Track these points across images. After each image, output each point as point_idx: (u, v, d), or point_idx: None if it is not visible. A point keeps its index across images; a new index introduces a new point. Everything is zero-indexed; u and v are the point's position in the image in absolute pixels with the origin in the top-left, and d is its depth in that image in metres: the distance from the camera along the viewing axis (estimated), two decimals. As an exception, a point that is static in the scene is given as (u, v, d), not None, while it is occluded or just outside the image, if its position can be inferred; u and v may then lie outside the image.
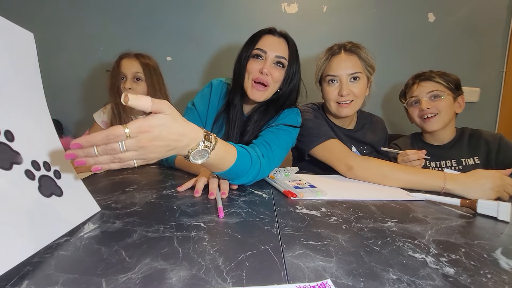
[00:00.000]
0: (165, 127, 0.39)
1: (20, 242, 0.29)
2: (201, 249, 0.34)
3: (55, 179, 0.37)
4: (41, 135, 0.37)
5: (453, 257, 0.35)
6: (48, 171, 0.36)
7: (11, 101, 0.32)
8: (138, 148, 0.37)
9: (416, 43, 1.47)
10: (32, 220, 0.32)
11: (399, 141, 1.11)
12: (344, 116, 0.91)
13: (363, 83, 0.88)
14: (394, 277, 0.30)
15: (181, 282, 0.27)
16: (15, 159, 0.31)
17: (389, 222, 0.46)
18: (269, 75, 0.78)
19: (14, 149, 0.31)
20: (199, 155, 0.46)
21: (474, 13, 1.44)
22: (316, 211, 0.50)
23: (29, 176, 0.33)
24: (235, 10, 1.44)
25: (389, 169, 0.72)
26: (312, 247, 0.36)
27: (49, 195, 0.35)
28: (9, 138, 0.31)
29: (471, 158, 0.97)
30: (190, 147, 0.44)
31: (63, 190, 0.38)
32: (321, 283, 0.28)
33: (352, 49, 0.87)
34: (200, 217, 0.45)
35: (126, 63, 1.09)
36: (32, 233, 0.31)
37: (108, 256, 0.32)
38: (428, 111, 0.96)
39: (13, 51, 0.33)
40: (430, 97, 0.97)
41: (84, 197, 0.44)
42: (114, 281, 0.27)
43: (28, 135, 0.34)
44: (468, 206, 0.53)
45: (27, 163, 0.33)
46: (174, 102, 1.51)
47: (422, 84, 0.98)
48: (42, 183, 0.35)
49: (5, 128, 0.31)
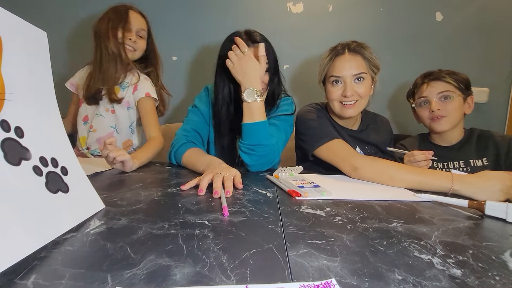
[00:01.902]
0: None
1: (26, 237, 0.30)
2: (205, 247, 0.34)
3: (62, 175, 0.38)
4: (50, 131, 0.38)
5: (460, 259, 0.34)
6: (56, 168, 0.37)
7: (23, 98, 0.33)
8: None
9: (423, 42, 1.45)
10: (38, 215, 0.32)
11: (406, 142, 1.10)
12: (348, 117, 0.90)
13: (367, 83, 0.87)
14: (400, 277, 0.30)
15: (185, 278, 0.27)
16: (24, 155, 0.32)
17: (395, 222, 0.46)
18: None
19: (23, 145, 0.32)
20: (251, 95, 0.75)
21: (483, 12, 1.42)
22: (321, 211, 0.50)
23: (37, 172, 0.34)
24: (241, 10, 1.44)
25: (395, 170, 0.71)
26: (317, 246, 0.36)
27: (56, 191, 0.36)
28: (19, 134, 0.32)
29: (480, 160, 0.95)
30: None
31: (69, 186, 0.38)
32: (325, 282, 0.28)
33: (356, 49, 0.86)
34: (204, 215, 0.45)
35: (134, 16, 1.05)
36: (38, 228, 0.31)
37: (114, 252, 0.32)
38: (438, 113, 0.95)
39: (27, 49, 0.33)
40: (440, 97, 0.95)
41: (89, 194, 0.44)
42: (119, 276, 0.27)
43: (38, 132, 0.35)
44: (476, 208, 0.52)
45: (36, 159, 0.34)
46: (180, 101, 1.52)
47: (432, 84, 0.96)
48: (49, 179, 0.35)
49: (16, 124, 0.32)
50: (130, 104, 1.07)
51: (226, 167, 0.68)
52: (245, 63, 0.75)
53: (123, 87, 1.05)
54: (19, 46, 0.32)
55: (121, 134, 1.09)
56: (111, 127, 1.07)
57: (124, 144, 1.10)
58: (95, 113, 1.06)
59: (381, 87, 0.91)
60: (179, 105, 1.52)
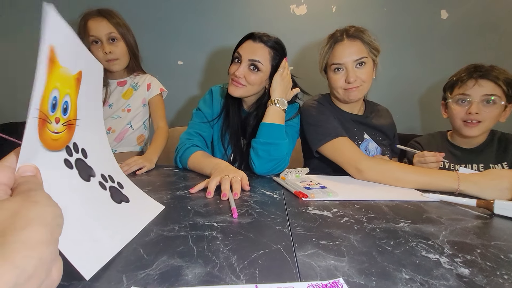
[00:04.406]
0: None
1: (108, 243, 0.32)
2: (215, 248, 0.35)
3: (119, 189, 0.42)
4: (103, 152, 0.42)
5: (468, 258, 0.34)
6: (113, 183, 0.41)
7: (85, 123, 0.36)
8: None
9: (428, 41, 1.44)
10: (112, 222, 0.35)
11: (422, 139, 1.05)
12: (353, 99, 0.90)
13: (369, 67, 0.87)
14: (407, 276, 0.30)
15: (197, 278, 0.28)
16: (91, 172, 0.36)
17: (402, 222, 0.46)
18: (242, 77, 0.84)
19: (88, 164, 0.36)
20: (283, 103, 0.84)
21: (490, 9, 1.40)
22: (328, 212, 0.50)
23: (102, 186, 0.37)
24: (245, 13, 1.46)
25: (400, 172, 0.71)
26: (324, 247, 0.36)
27: (120, 202, 0.39)
28: (84, 155, 0.35)
29: (499, 164, 0.90)
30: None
31: (128, 197, 0.42)
32: (333, 281, 0.28)
33: (355, 34, 0.86)
34: (213, 217, 0.46)
35: (94, 24, 0.96)
36: (114, 234, 0.34)
37: (128, 253, 0.33)
38: (476, 117, 0.85)
39: (89, 79, 0.37)
40: (483, 100, 0.84)
41: (147, 200, 0.49)
42: (134, 276, 0.28)
43: (96, 153, 0.39)
44: (484, 207, 0.52)
45: (98, 176, 0.37)
46: (185, 105, 1.54)
47: (481, 82, 0.84)
48: (112, 192, 0.39)
49: (82, 146, 0.35)
50: (145, 101, 1.14)
51: (233, 169, 0.69)
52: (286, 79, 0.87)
53: (135, 88, 1.12)
54: (88, 77, 0.36)
55: (135, 130, 1.14)
56: (127, 125, 1.11)
57: (138, 139, 1.15)
58: (111, 116, 1.10)
59: (386, 86, 0.90)
60: (184, 109, 1.54)
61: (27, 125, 0.24)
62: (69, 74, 0.31)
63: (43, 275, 0.19)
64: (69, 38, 0.30)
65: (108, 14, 1.00)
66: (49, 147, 0.28)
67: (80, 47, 0.33)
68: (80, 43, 0.33)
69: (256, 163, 0.78)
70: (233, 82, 0.86)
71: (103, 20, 0.99)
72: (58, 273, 0.21)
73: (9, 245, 0.18)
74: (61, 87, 0.29)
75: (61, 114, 0.30)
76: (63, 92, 0.29)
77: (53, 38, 0.26)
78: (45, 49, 0.25)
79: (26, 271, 0.17)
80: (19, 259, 0.17)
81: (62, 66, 0.28)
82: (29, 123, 0.24)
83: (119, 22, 1.02)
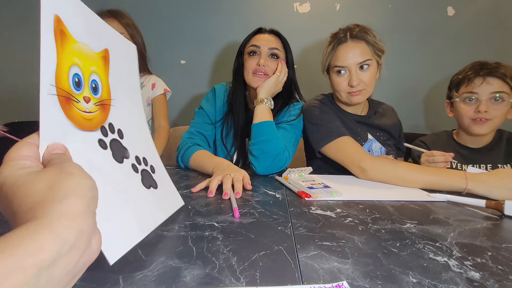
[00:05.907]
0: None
1: (133, 228, 0.31)
2: (215, 249, 0.34)
3: (151, 173, 0.40)
4: (140, 133, 0.41)
5: (478, 261, 0.33)
6: (146, 166, 0.40)
7: (121, 104, 0.36)
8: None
9: (434, 39, 1.42)
10: (140, 208, 0.34)
11: (427, 139, 1.02)
12: (356, 103, 0.88)
13: (373, 70, 0.84)
14: (414, 280, 0.29)
15: (195, 280, 0.27)
16: (125, 154, 0.35)
17: (408, 223, 0.44)
18: (266, 66, 0.85)
19: (123, 145, 0.35)
20: (271, 102, 0.84)
21: (498, 5, 1.37)
22: (331, 212, 0.49)
23: (134, 169, 0.36)
24: (248, 12, 1.45)
25: (405, 171, 0.69)
26: (327, 248, 0.35)
27: (148, 187, 0.38)
28: (120, 136, 0.35)
29: (508, 164, 0.88)
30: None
31: (157, 183, 0.41)
32: (336, 284, 0.27)
33: (359, 35, 0.82)
34: (213, 217, 0.45)
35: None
36: (140, 220, 0.33)
37: (125, 254, 0.32)
38: (484, 115, 0.83)
39: (122, 59, 0.37)
40: (491, 98, 0.83)
41: (173, 191, 0.47)
42: (131, 278, 0.28)
43: (132, 134, 0.38)
44: (494, 207, 0.50)
45: (132, 158, 0.37)
46: (188, 104, 1.54)
47: (489, 80, 0.83)
48: (143, 175, 0.38)
49: (118, 127, 0.35)
50: (149, 100, 1.15)
51: (235, 168, 0.68)
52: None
53: (141, 87, 1.12)
54: (118, 57, 0.36)
55: None
56: None
57: None
58: None
59: (391, 84, 0.89)
60: (187, 108, 1.54)
61: (41, 102, 0.23)
62: (91, 51, 0.30)
63: (84, 246, 0.19)
64: (82, 12, 0.28)
65: (119, 15, 1.01)
66: (81, 127, 0.27)
67: (102, 25, 0.32)
68: (100, 21, 0.32)
69: (255, 163, 0.78)
70: (257, 74, 0.86)
71: (114, 20, 0.99)
72: (98, 244, 0.22)
73: (50, 215, 0.17)
74: (83, 64, 0.28)
75: (90, 93, 0.29)
76: (86, 69, 0.28)
77: (58, 8, 0.25)
78: (48, 17, 0.23)
79: (68, 241, 0.17)
80: (61, 229, 0.17)
81: (78, 41, 0.27)
82: (43, 99, 0.23)
83: (128, 23, 1.03)
